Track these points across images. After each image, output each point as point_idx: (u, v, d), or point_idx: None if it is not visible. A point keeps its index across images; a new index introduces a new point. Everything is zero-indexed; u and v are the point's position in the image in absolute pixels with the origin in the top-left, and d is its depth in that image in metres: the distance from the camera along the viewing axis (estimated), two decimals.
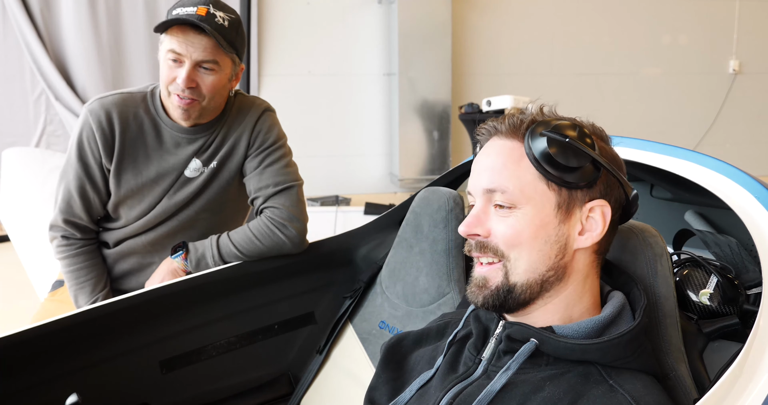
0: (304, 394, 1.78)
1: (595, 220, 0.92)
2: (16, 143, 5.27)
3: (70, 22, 5.15)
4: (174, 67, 1.65)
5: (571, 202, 0.92)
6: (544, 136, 0.90)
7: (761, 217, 1.10)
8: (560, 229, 0.92)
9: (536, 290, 0.92)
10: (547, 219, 0.91)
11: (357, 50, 6.02)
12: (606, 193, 0.93)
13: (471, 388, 0.95)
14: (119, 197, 1.78)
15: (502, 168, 0.93)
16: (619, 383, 0.86)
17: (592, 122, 0.99)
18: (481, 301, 0.95)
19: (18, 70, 5.27)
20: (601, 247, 0.96)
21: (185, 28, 1.61)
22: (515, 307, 0.94)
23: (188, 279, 1.66)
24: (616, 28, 6.60)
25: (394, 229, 1.81)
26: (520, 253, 0.92)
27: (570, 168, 0.89)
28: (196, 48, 1.62)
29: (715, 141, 6.89)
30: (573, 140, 0.89)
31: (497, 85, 6.27)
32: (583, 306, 0.95)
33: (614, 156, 0.97)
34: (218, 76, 1.68)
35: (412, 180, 5.92)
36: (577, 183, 0.91)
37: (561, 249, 0.92)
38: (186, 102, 1.67)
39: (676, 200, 1.71)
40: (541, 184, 0.91)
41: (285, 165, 1.81)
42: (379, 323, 1.70)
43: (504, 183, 0.92)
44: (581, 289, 0.95)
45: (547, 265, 0.92)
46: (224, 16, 1.64)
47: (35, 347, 1.46)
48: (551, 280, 0.92)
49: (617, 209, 0.95)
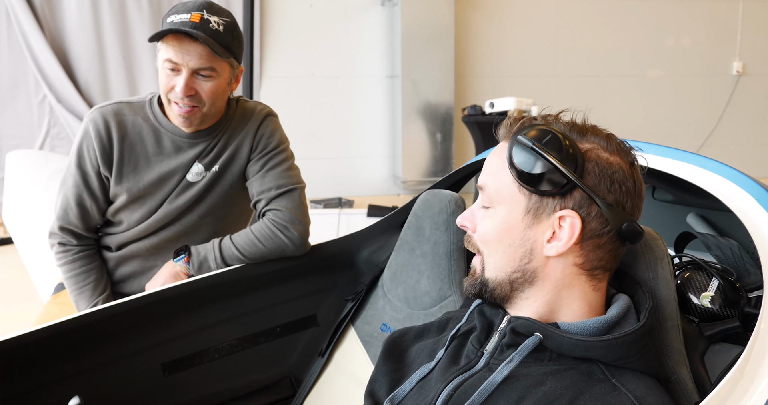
0: (307, 396, 1.78)
1: (564, 229, 0.91)
2: (19, 146, 5.29)
3: (73, 25, 5.17)
4: (172, 76, 1.65)
5: (541, 208, 0.91)
6: (516, 140, 0.91)
7: (762, 219, 1.10)
8: (526, 234, 0.92)
9: (507, 289, 0.95)
10: (514, 222, 0.93)
11: (360, 52, 6.03)
12: (582, 204, 0.90)
13: (472, 380, 0.95)
14: (122, 202, 1.78)
15: (491, 168, 0.97)
16: (622, 382, 0.86)
17: (610, 133, 0.95)
18: (466, 286, 1.00)
19: (22, 73, 5.29)
20: (588, 262, 0.93)
21: (180, 36, 1.61)
22: (491, 299, 0.97)
23: (190, 281, 1.66)
24: (619, 30, 6.60)
25: (395, 231, 1.82)
26: (490, 250, 0.96)
27: (532, 174, 0.90)
28: (192, 56, 1.62)
29: (719, 142, 6.89)
30: (536, 145, 0.89)
31: (500, 87, 6.28)
32: (573, 312, 0.95)
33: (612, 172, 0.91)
34: (216, 81, 1.68)
35: (415, 182, 5.93)
36: (546, 190, 0.90)
37: (526, 253, 0.92)
38: (186, 110, 1.68)
39: (678, 203, 1.71)
40: (514, 188, 0.93)
41: (287, 168, 1.82)
42: (380, 326, 1.70)
43: (487, 182, 0.96)
44: (566, 297, 0.94)
45: (512, 267, 0.94)
46: (219, 21, 1.64)
47: (38, 350, 1.47)
48: (520, 281, 0.94)
49: (606, 224, 0.91)
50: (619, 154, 0.93)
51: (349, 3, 5.92)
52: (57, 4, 5.16)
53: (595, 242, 0.92)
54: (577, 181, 0.88)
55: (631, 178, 0.92)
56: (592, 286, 0.95)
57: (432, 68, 5.85)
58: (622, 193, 0.91)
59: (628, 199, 0.92)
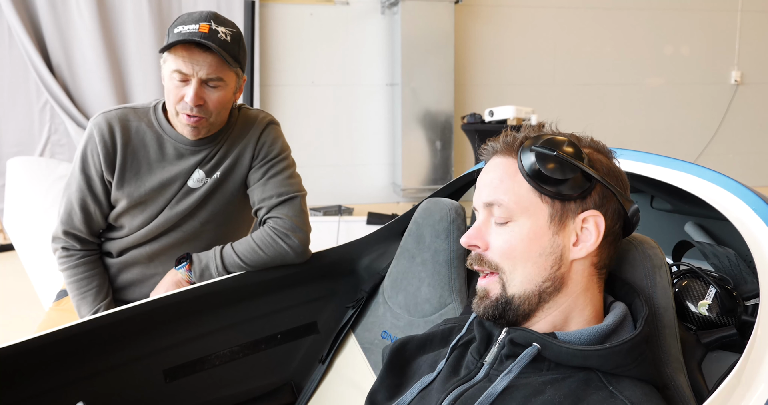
0: (307, 403, 1.79)
1: (589, 230, 0.94)
2: (20, 153, 5.30)
3: (74, 33, 5.17)
4: (181, 87, 1.67)
5: (564, 213, 0.95)
6: (533, 151, 0.94)
7: (758, 228, 1.12)
8: (555, 240, 0.95)
9: (534, 301, 0.95)
10: (541, 231, 0.95)
11: (360, 61, 6.05)
12: (601, 204, 0.95)
13: (472, 391, 0.96)
14: (123, 207, 1.79)
15: (499, 183, 0.98)
16: (619, 390, 0.87)
17: (591, 137, 1.01)
18: (482, 311, 0.98)
19: (23, 80, 5.29)
20: (601, 261, 0.98)
21: (189, 46, 1.62)
22: (515, 318, 0.97)
23: (192, 289, 1.67)
24: (619, 39, 6.62)
25: (396, 239, 1.83)
26: (516, 265, 0.95)
27: (557, 180, 0.93)
28: (202, 66, 1.64)
29: (717, 151, 6.90)
30: (559, 153, 0.93)
31: (500, 95, 6.29)
32: (584, 318, 0.97)
33: (611, 168, 0.98)
34: (224, 91, 1.70)
35: (415, 190, 5.93)
36: (568, 194, 0.94)
37: (557, 260, 0.95)
38: (195, 120, 1.70)
39: (676, 212, 1.73)
40: (534, 197, 0.95)
41: (288, 176, 1.83)
42: (381, 333, 1.71)
43: (500, 196, 0.97)
44: (582, 301, 0.96)
45: (543, 277, 0.95)
46: (226, 31, 1.66)
47: (40, 356, 1.47)
48: (549, 291, 0.95)
49: (616, 221, 0.97)
50: (602, 152, 1.00)
51: (350, 11, 5.94)
52: (58, 11, 5.16)
53: (609, 239, 0.97)
54: (602, 180, 0.94)
55: (617, 169, 1.00)
56: (599, 287, 0.99)
57: (432, 76, 5.86)
58: (623, 186, 0.98)
59: (626, 191, 0.99)
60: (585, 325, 0.96)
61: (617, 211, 0.97)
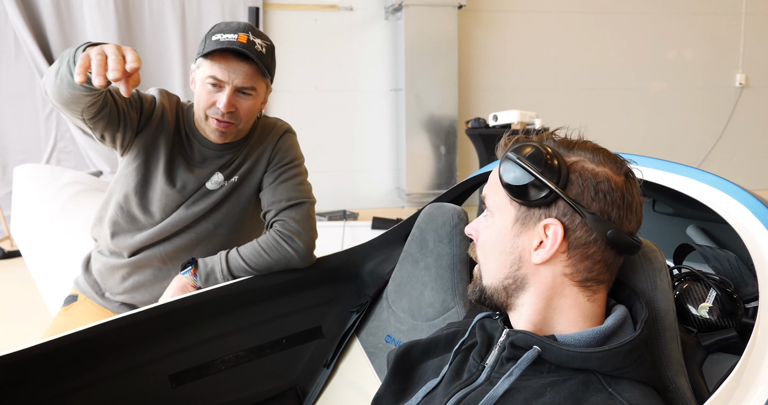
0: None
1: (549, 238, 0.95)
2: (27, 160, 5.33)
3: (80, 40, 5.20)
4: (213, 92, 1.71)
5: (528, 218, 0.96)
6: (505, 156, 0.98)
7: (758, 232, 1.12)
8: (515, 242, 0.97)
9: (503, 295, 0.99)
10: (505, 231, 0.98)
11: (364, 66, 6.07)
12: (566, 213, 0.94)
13: (474, 394, 0.97)
14: (131, 159, 1.81)
15: (491, 181, 1.03)
16: (618, 391, 0.88)
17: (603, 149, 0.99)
18: (469, 293, 1.06)
19: (29, 87, 5.33)
20: (578, 273, 0.96)
21: (226, 54, 1.67)
22: (492, 305, 1.02)
23: (197, 294, 1.68)
24: (621, 44, 6.63)
25: (399, 244, 1.84)
26: (487, 258, 1.01)
27: (518, 186, 0.95)
28: (238, 74, 1.69)
29: (722, 155, 6.89)
30: (519, 158, 0.95)
31: (503, 100, 6.31)
32: (569, 321, 0.97)
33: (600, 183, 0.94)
34: (255, 100, 1.76)
35: (420, 194, 5.95)
36: (531, 201, 0.95)
37: (516, 260, 0.97)
38: (224, 125, 1.75)
39: (678, 215, 1.73)
40: (506, 199, 0.99)
41: (299, 182, 1.86)
42: (385, 337, 1.72)
43: (487, 194, 1.04)
44: (559, 305, 0.97)
45: (504, 274, 0.98)
46: (262, 44, 1.72)
47: (47, 362, 1.48)
48: (512, 287, 0.98)
49: (591, 233, 0.94)
50: (609, 165, 0.96)
51: (353, 17, 5.97)
52: (66, 16, 5.20)
53: (583, 252, 0.95)
54: (557, 190, 0.93)
55: (619, 189, 0.95)
56: (586, 297, 0.97)
57: (435, 82, 5.88)
58: (607, 203, 0.94)
59: (614, 209, 0.94)
60: (573, 327, 0.97)
61: (588, 225, 0.93)
